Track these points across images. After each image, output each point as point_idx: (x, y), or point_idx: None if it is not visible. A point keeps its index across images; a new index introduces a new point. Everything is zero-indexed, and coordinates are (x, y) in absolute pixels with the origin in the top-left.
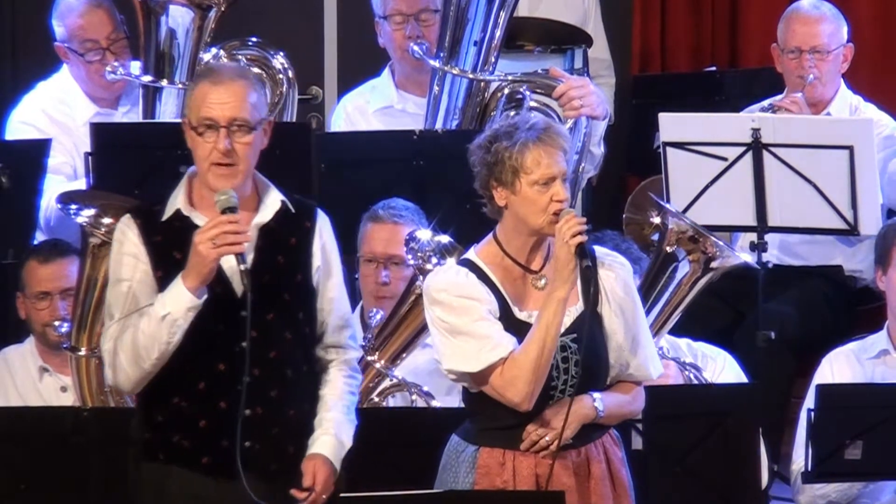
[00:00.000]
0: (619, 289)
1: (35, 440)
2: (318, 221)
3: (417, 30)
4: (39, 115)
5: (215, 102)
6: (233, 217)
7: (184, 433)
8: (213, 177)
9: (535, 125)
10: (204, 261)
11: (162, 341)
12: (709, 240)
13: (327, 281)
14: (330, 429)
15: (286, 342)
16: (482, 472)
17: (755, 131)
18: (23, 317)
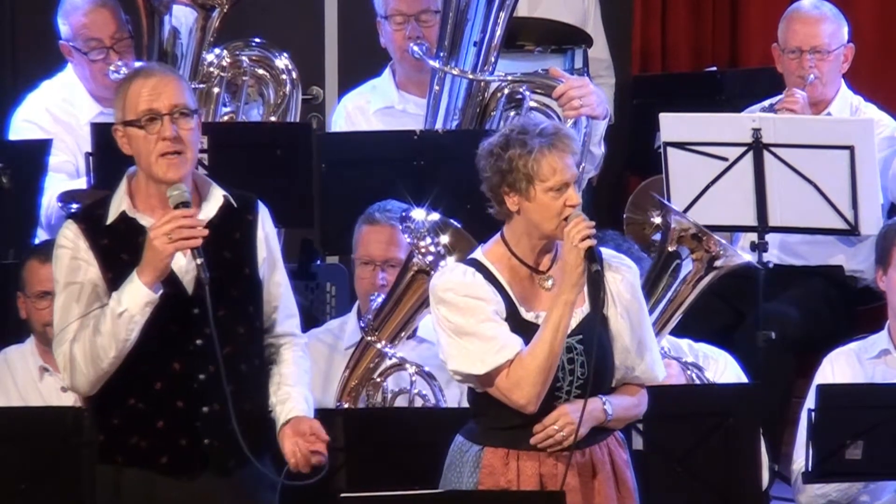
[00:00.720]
0: (626, 291)
1: (35, 440)
2: (259, 213)
3: (418, 30)
4: (43, 114)
5: (153, 94)
6: (187, 211)
7: (141, 434)
8: (162, 168)
9: (545, 130)
10: (160, 255)
11: (120, 339)
12: (712, 238)
13: (273, 271)
14: (300, 397)
15: (239, 337)
16: (486, 471)
17: (756, 131)
18: (23, 317)
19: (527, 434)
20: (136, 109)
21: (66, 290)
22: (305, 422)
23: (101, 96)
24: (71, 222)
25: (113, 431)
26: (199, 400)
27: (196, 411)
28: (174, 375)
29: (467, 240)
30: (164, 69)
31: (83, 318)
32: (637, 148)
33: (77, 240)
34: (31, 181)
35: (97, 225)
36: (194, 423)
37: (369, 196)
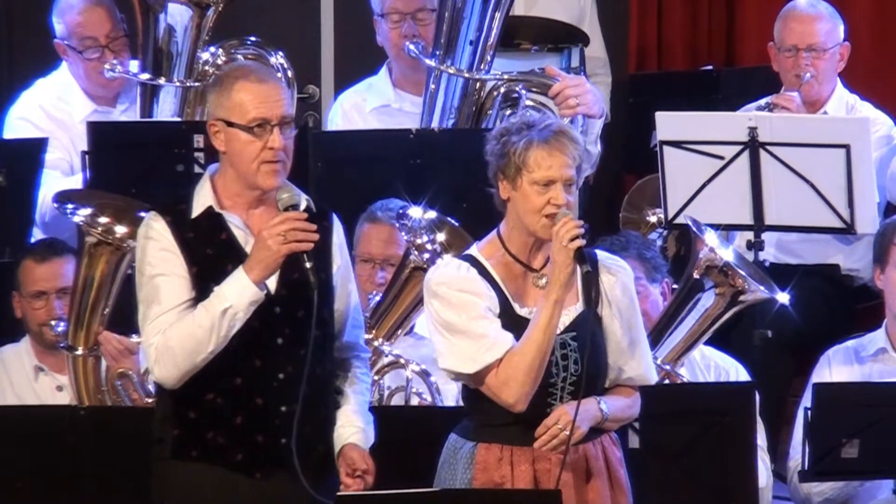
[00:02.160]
0: (619, 291)
1: (31, 439)
2: (334, 222)
3: (414, 29)
4: (37, 112)
5: (265, 101)
6: (300, 214)
7: (218, 429)
8: (263, 175)
9: (549, 126)
10: (273, 255)
11: (221, 334)
12: (738, 274)
13: (346, 281)
14: (360, 423)
15: (315, 340)
16: (480, 467)
17: (752, 130)
18: (19, 316)
19: (520, 431)
20: (245, 115)
21: (152, 280)
22: (352, 452)
23: (96, 94)
24: (157, 214)
25: (190, 426)
26: (278, 398)
27: (275, 409)
28: (255, 372)
29: (463, 237)
30: (271, 74)
31: (176, 310)
32: (633, 146)
33: (165, 232)
34: (27, 180)
35: (182, 218)
36: (273, 422)
37: (366, 195)
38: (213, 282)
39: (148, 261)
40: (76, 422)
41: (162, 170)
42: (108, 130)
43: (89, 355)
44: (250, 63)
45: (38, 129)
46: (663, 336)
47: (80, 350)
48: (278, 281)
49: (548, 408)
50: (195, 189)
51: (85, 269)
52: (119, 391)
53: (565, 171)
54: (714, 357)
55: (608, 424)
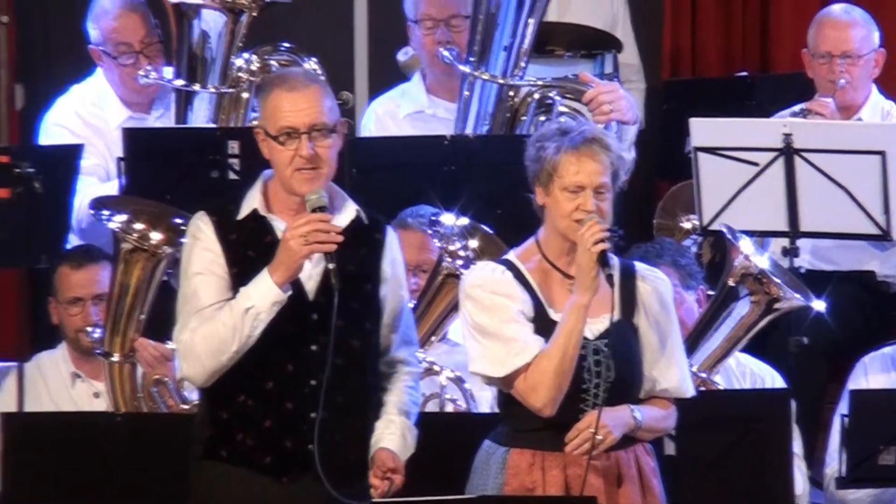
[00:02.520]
0: (656, 302)
1: (67, 445)
2: (388, 236)
3: (448, 35)
4: (73, 118)
5: (293, 110)
6: (324, 216)
7: (248, 432)
8: (297, 181)
9: (582, 132)
10: (294, 256)
11: (244, 334)
12: (773, 282)
13: (395, 296)
14: (397, 430)
15: (353, 350)
16: (512, 472)
17: (787, 136)
18: (55, 322)
19: (552, 436)
20: (275, 124)
21: (193, 279)
22: (381, 453)
23: (130, 101)
24: (204, 214)
25: (221, 426)
26: (308, 405)
27: (304, 415)
28: (287, 377)
29: (496, 244)
30: (307, 79)
31: (207, 310)
32: (667, 153)
33: (209, 231)
34: (63, 186)
35: (228, 219)
36: (301, 427)
37: (399, 201)
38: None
39: (190, 259)
40: (112, 428)
41: (196, 176)
42: (144, 137)
43: (125, 362)
44: (293, 70)
45: (74, 135)
46: (698, 344)
47: (117, 356)
48: (317, 287)
49: (580, 413)
50: (246, 192)
51: (121, 276)
52: (155, 398)
53: (595, 178)
54: (749, 364)
55: (641, 434)
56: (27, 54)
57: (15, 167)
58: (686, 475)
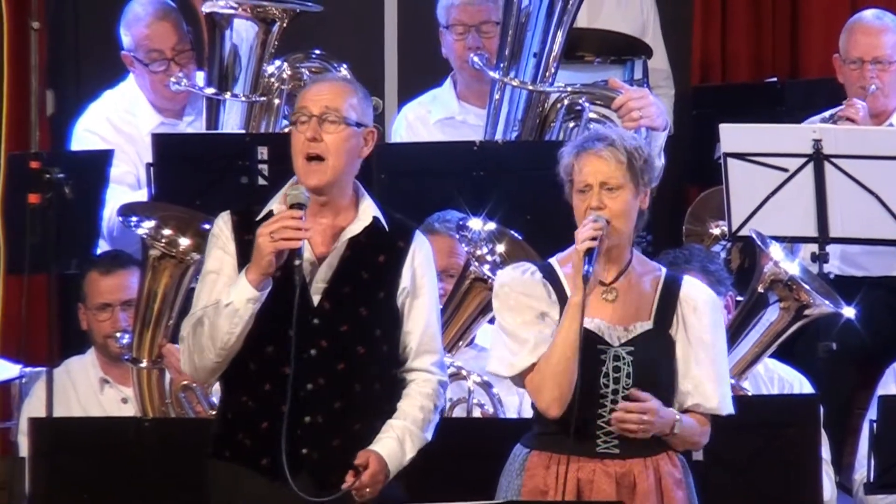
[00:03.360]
0: (697, 317)
1: (97, 450)
2: (413, 244)
3: (478, 41)
4: (104, 124)
5: (312, 94)
6: (295, 213)
7: (247, 432)
8: (302, 171)
9: (600, 136)
10: (261, 254)
11: (224, 331)
12: (803, 288)
13: (414, 304)
14: (394, 434)
15: (358, 356)
16: (529, 474)
17: (816, 142)
18: (84, 328)
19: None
20: (295, 108)
21: (205, 278)
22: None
23: (162, 107)
24: (227, 213)
25: (227, 426)
26: (302, 409)
27: (298, 420)
28: (284, 380)
29: (524, 249)
30: (340, 77)
31: (204, 308)
32: (697, 159)
33: (227, 230)
34: (93, 192)
35: (247, 220)
36: (295, 431)
37: (429, 206)
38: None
39: (207, 258)
40: (140, 433)
41: (226, 182)
42: (173, 142)
43: (153, 368)
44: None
45: (105, 141)
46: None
47: (145, 362)
48: (323, 293)
49: (598, 419)
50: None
51: (149, 282)
52: (183, 403)
53: (599, 175)
54: (778, 370)
55: (675, 440)
56: (58, 60)
57: (45, 173)
58: (715, 480)
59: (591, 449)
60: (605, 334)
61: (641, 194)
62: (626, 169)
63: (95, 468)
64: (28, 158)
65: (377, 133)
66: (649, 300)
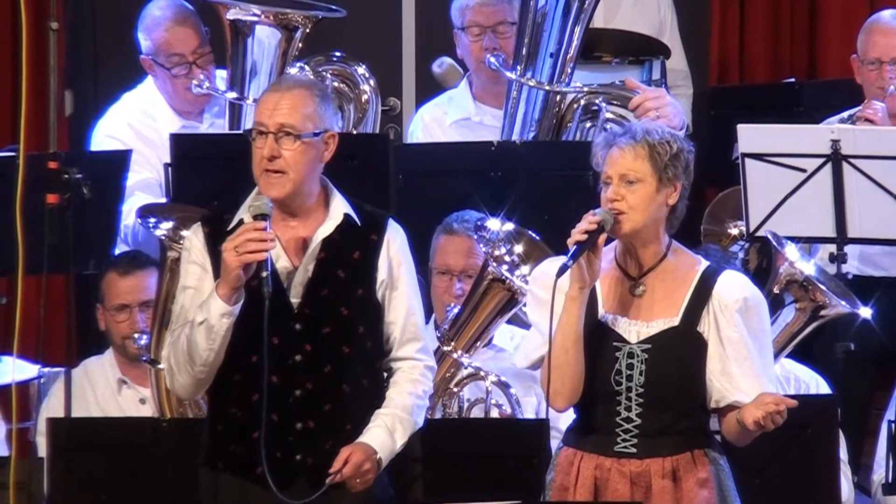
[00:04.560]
0: (732, 312)
1: (115, 451)
2: (386, 234)
3: (495, 41)
4: (125, 129)
5: (267, 108)
6: (258, 224)
7: (239, 442)
8: (262, 184)
9: (626, 129)
10: (227, 268)
11: (202, 347)
12: (818, 289)
13: (393, 295)
14: (382, 422)
15: (343, 356)
16: (558, 469)
17: (835, 143)
18: (102, 329)
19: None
20: (252, 121)
21: (184, 293)
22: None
23: (183, 110)
24: (199, 225)
25: (216, 437)
26: (292, 415)
27: (289, 426)
28: (271, 388)
29: (542, 249)
30: (296, 83)
31: (183, 325)
32: (714, 159)
33: (198, 244)
34: (111, 192)
35: (219, 229)
36: (287, 438)
37: (446, 207)
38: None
39: (182, 274)
40: (158, 434)
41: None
42: (191, 143)
43: None
44: (292, 74)
45: (126, 146)
46: None
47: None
48: (302, 297)
49: (616, 416)
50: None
51: (167, 284)
52: (200, 404)
53: (619, 169)
54: (794, 370)
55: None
56: (77, 61)
57: (64, 173)
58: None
59: (609, 447)
60: (624, 330)
61: (668, 189)
62: (647, 163)
63: (113, 468)
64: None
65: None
66: (681, 296)
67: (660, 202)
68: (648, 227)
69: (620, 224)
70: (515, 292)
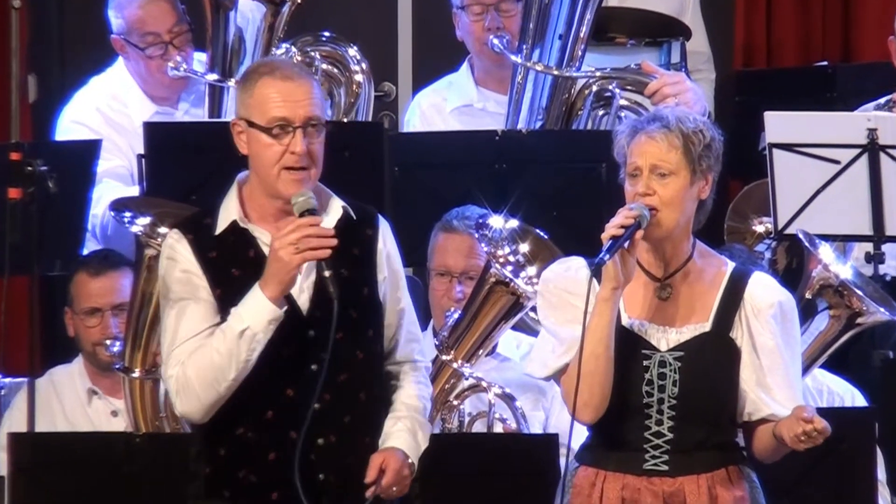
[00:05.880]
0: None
1: (84, 468)
2: (379, 228)
3: (498, 21)
4: (94, 115)
5: (289, 100)
6: (314, 219)
7: (251, 467)
8: (283, 183)
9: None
10: (286, 267)
11: (241, 359)
12: (855, 294)
13: (395, 292)
14: (404, 426)
15: (357, 363)
16: (576, 490)
17: (871, 131)
18: (71, 334)
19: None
20: (265, 114)
21: (176, 305)
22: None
23: (156, 94)
24: (177, 232)
25: (221, 463)
26: (314, 431)
27: (311, 443)
28: (287, 403)
29: (549, 248)
30: (300, 70)
31: (194, 339)
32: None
33: (185, 252)
34: (79, 186)
35: (206, 235)
36: (308, 456)
37: (446, 202)
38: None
39: (168, 284)
40: (132, 450)
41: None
42: (167, 131)
43: (147, 378)
44: (280, 59)
45: (95, 134)
46: None
47: (137, 372)
48: (311, 300)
49: (645, 430)
50: (222, 200)
51: (143, 284)
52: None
53: (649, 159)
54: (827, 381)
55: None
56: (41, 42)
57: (27, 165)
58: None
59: (637, 465)
60: (652, 337)
61: (700, 182)
62: (680, 154)
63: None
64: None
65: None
66: (710, 299)
67: (693, 196)
68: (681, 225)
69: (656, 221)
70: (520, 296)
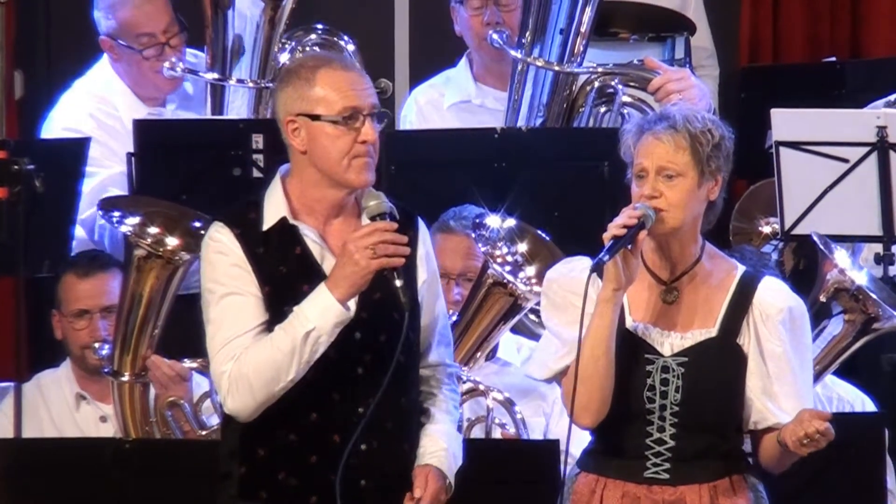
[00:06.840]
0: (766, 328)
1: (73, 474)
2: (420, 230)
3: (497, 15)
4: (86, 120)
5: (357, 89)
6: (391, 225)
7: (291, 469)
8: (355, 170)
9: (663, 115)
10: (361, 271)
11: (303, 360)
12: (870, 299)
13: (432, 295)
14: (441, 441)
15: (399, 367)
16: (576, 497)
17: (881, 129)
18: (59, 337)
19: (614, 462)
20: (333, 105)
21: (223, 300)
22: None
23: (146, 95)
24: (223, 225)
25: (258, 464)
26: (358, 435)
27: (354, 448)
28: (332, 407)
29: (548, 248)
30: (352, 62)
31: (248, 335)
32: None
33: (234, 245)
34: (67, 185)
35: (253, 230)
36: (350, 461)
37: (443, 202)
38: (287, 304)
39: (217, 278)
40: (121, 456)
41: (216, 174)
42: (157, 130)
43: (136, 382)
44: (323, 52)
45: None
46: None
47: (127, 376)
48: (358, 302)
49: (647, 437)
50: (265, 195)
51: (132, 285)
52: (169, 422)
53: (656, 161)
54: (836, 387)
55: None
56: (27, 38)
57: (13, 164)
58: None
59: (638, 473)
60: (656, 342)
61: (709, 183)
62: (688, 155)
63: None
64: None
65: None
66: (718, 304)
67: (701, 198)
68: (688, 226)
69: (662, 222)
70: (518, 297)
